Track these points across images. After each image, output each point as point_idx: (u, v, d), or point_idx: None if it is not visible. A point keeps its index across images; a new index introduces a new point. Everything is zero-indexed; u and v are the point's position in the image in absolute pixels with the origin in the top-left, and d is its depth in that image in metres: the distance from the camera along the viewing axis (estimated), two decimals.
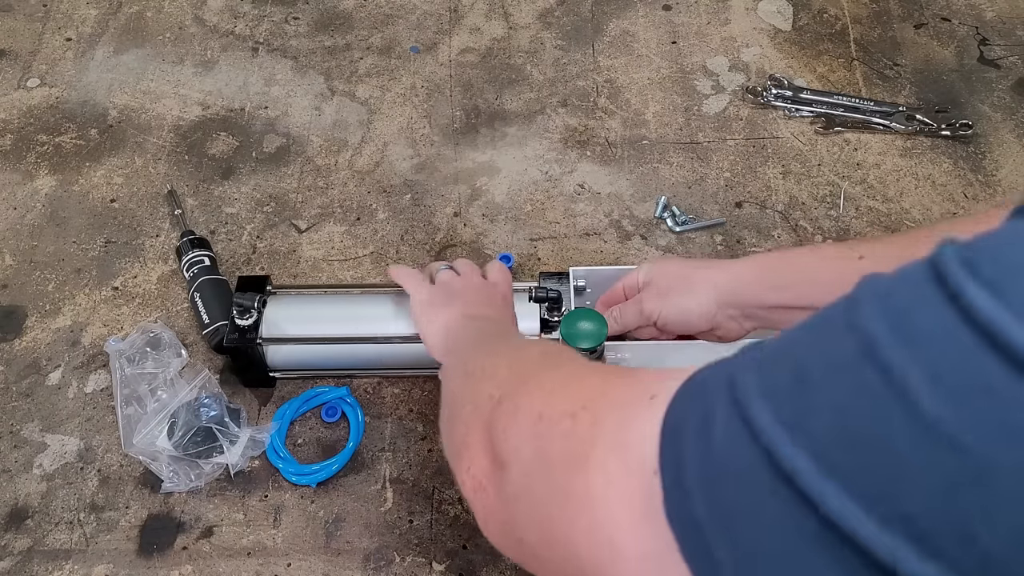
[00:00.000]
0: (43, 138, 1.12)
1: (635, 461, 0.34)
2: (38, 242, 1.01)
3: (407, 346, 0.84)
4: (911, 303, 0.27)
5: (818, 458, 0.27)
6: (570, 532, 0.37)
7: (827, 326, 0.30)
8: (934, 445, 0.25)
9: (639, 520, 0.33)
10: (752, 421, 0.29)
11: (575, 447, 0.38)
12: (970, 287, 0.25)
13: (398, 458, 0.85)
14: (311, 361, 0.88)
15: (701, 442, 0.31)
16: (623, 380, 0.40)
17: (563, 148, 1.10)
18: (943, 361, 0.25)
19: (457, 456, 0.49)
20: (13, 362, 0.92)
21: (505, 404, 0.45)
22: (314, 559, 0.79)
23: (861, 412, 0.27)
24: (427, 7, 1.26)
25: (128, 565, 0.79)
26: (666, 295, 0.75)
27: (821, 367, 0.29)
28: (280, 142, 1.11)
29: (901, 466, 0.25)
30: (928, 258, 0.28)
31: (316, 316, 0.86)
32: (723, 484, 0.30)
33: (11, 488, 0.84)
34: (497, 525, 0.45)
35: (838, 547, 0.26)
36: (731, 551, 0.29)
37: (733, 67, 1.19)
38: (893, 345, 0.26)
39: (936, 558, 0.25)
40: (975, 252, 0.26)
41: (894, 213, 1.04)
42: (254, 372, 0.87)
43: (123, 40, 1.23)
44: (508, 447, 0.43)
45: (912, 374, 0.26)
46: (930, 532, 0.25)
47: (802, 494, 0.27)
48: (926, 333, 0.26)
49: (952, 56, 1.20)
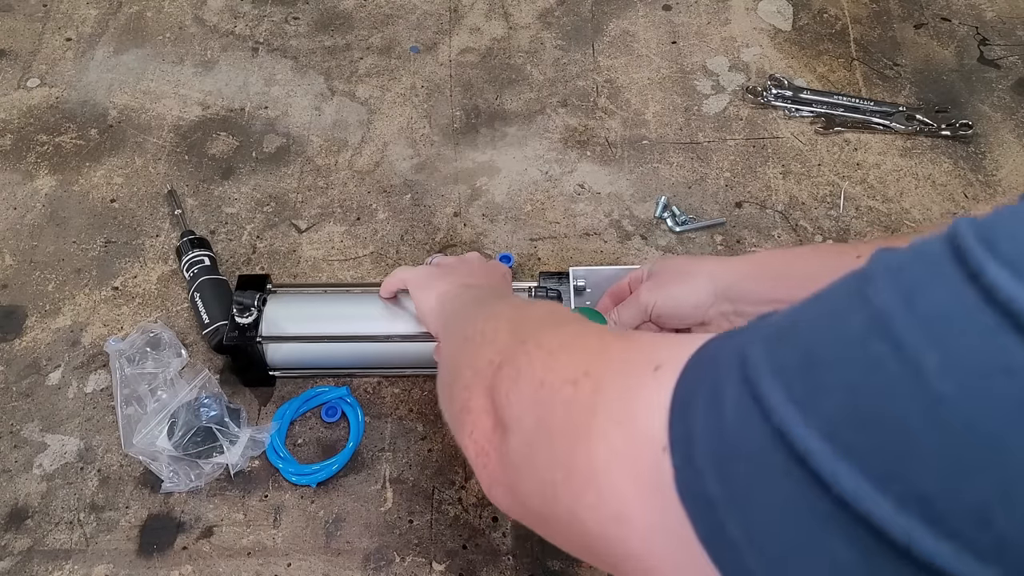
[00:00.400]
0: (43, 138, 1.12)
1: (641, 434, 0.34)
2: (38, 242, 1.02)
3: (407, 345, 0.84)
4: (927, 279, 0.26)
5: (831, 438, 0.27)
6: (575, 506, 0.36)
7: (839, 300, 0.29)
8: (950, 426, 0.24)
9: (647, 495, 0.33)
10: (763, 399, 0.29)
11: (576, 416, 0.37)
12: (991, 266, 0.25)
13: (398, 458, 0.85)
14: (311, 360, 0.88)
15: (712, 420, 0.31)
16: (625, 344, 0.40)
17: (563, 148, 1.10)
18: (961, 341, 0.25)
19: (458, 421, 0.49)
20: (13, 362, 0.92)
21: (506, 369, 0.45)
22: (314, 559, 0.79)
23: (874, 391, 0.26)
24: (427, 7, 1.26)
25: (128, 565, 0.79)
26: (663, 286, 0.75)
27: (833, 343, 0.28)
28: (280, 142, 1.11)
29: (916, 446, 0.25)
30: (945, 233, 0.27)
31: (316, 315, 0.86)
32: (735, 462, 0.30)
33: (11, 488, 0.84)
34: (502, 490, 0.44)
35: (852, 527, 0.26)
36: (745, 529, 0.29)
37: (733, 67, 1.19)
38: (907, 323, 0.26)
39: (952, 539, 0.24)
40: (993, 229, 0.26)
41: (894, 213, 1.04)
42: (254, 371, 0.87)
43: (123, 40, 1.23)
44: (511, 413, 0.43)
45: (927, 353, 0.25)
46: (946, 513, 0.25)
47: (815, 475, 0.27)
48: (943, 311, 0.25)
49: (952, 56, 1.20)
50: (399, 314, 0.84)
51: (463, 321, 0.57)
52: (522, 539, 0.80)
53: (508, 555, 0.79)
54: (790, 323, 0.31)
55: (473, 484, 0.84)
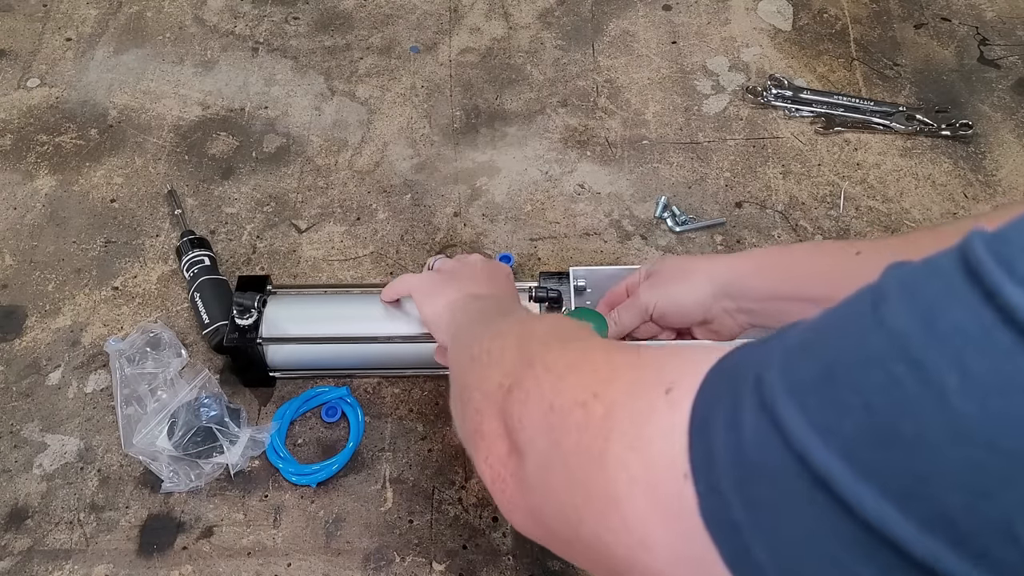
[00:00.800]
0: (43, 138, 1.12)
1: (659, 460, 0.34)
2: (38, 242, 1.01)
3: (407, 346, 0.84)
4: (942, 298, 0.26)
5: (852, 460, 0.27)
6: (599, 529, 0.36)
7: (854, 319, 0.29)
8: (971, 445, 0.24)
9: (672, 520, 0.33)
10: (783, 425, 0.29)
11: (590, 441, 0.37)
12: (1007, 286, 0.25)
13: (398, 458, 0.85)
14: (311, 361, 0.88)
15: (732, 444, 0.31)
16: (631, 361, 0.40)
17: (563, 148, 1.10)
18: (980, 361, 0.25)
19: (472, 444, 0.49)
20: (13, 362, 0.92)
21: (516, 392, 0.44)
22: (314, 559, 0.79)
23: (894, 411, 0.26)
24: (427, 7, 1.26)
25: (128, 565, 0.79)
26: (662, 285, 0.75)
27: (850, 364, 0.28)
28: (280, 142, 1.11)
29: (938, 467, 0.25)
30: (958, 248, 0.27)
31: (316, 316, 0.86)
32: (758, 487, 0.30)
33: (11, 488, 0.84)
34: (521, 514, 0.44)
35: (878, 550, 0.26)
36: (771, 553, 0.29)
37: (733, 67, 1.19)
38: (926, 343, 0.26)
39: (978, 559, 0.24)
40: (1008, 245, 0.26)
41: (894, 213, 1.04)
42: (254, 372, 0.87)
43: (123, 40, 1.23)
44: (524, 437, 0.43)
45: (947, 373, 0.25)
46: (971, 533, 0.25)
47: (839, 499, 0.27)
48: (960, 331, 0.25)
49: (952, 56, 1.20)
50: (399, 315, 0.84)
51: (469, 339, 0.57)
52: (522, 539, 0.80)
53: (508, 555, 0.79)
54: (806, 343, 0.31)
55: (473, 484, 0.84)
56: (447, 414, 0.88)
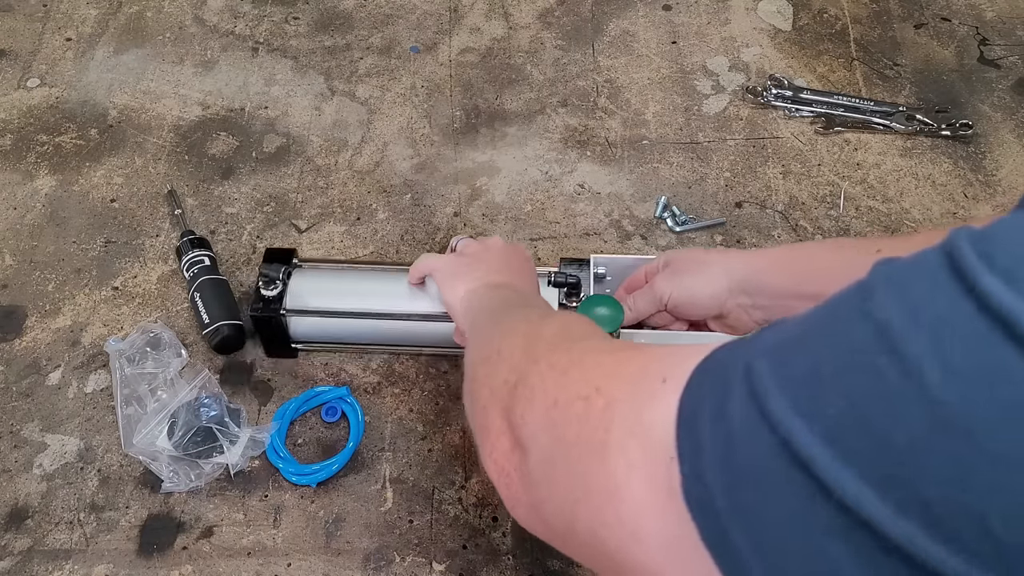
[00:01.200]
0: (43, 138, 1.12)
1: (655, 445, 0.34)
2: (38, 242, 1.01)
3: (427, 324, 0.85)
4: (925, 291, 0.27)
5: (834, 445, 0.27)
6: (595, 525, 0.37)
7: (841, 312, 0.30)
8: (948, 432, 0.25)
9: (664, 503, 0.33)
10: (770, 413, 0.29)
11: (590, 432, 0.38)
12: (985, 276, 0.26)
13: (398, 458, 0.85)
14: (332, 334, 0.89)
15: (718, 431, 0.31)
16: (635, 357, 0.40)
17: (563, 148, 1.10)
18: (958, 349, 0.25)
19: (480, 438, 0.49)
20: (13, 362, 0.92)
21: (520, 389, 0.45)
22: (314, 559, 0.79)
23: (877, 399, 0.27)
24: (427, 7, 1.26)
25: (128, 565, 0.79)
26: (678, 276, 0.75)
27: (836, 355, 0.29)
28: (280, 142, 1.11)
29: (916, 452, 0.26)
30: (943, 245, 0.28)
31: (339, 290, 0.87)
32: (741, 473, 0.30)
33: (11, 488, 0.84)
34: (524, 509, 0.45)
35: (854, 532, 0.27)
36: (749, 537, 0.30)
37: (733, 67, 1.19)
38: (908, 334, 0.27)
39: (951, 543, 0.25)
40: (990, 241, 0.26)
41: (894, 213, 1.04)
42: (277, 343, 0.89)
43: (123, 40, 1.23)
44: (527, 433, 0.43)
45: (928, 363, 0.26)
46: (945, 517, 0.25)
47: (818, 481, 0.27)
48: (942, 322, 0.26)
49: (952, 56, 1.20)
50: (420, 294, 0.85)
51: (483, 336, 0.58)
52: (522, 539, 0.80)
53: (508, 555, 0.79)
54: (795, 335, 0.31)
55: (473, 484, 0.84)
56: (447, 414, 0.88)
